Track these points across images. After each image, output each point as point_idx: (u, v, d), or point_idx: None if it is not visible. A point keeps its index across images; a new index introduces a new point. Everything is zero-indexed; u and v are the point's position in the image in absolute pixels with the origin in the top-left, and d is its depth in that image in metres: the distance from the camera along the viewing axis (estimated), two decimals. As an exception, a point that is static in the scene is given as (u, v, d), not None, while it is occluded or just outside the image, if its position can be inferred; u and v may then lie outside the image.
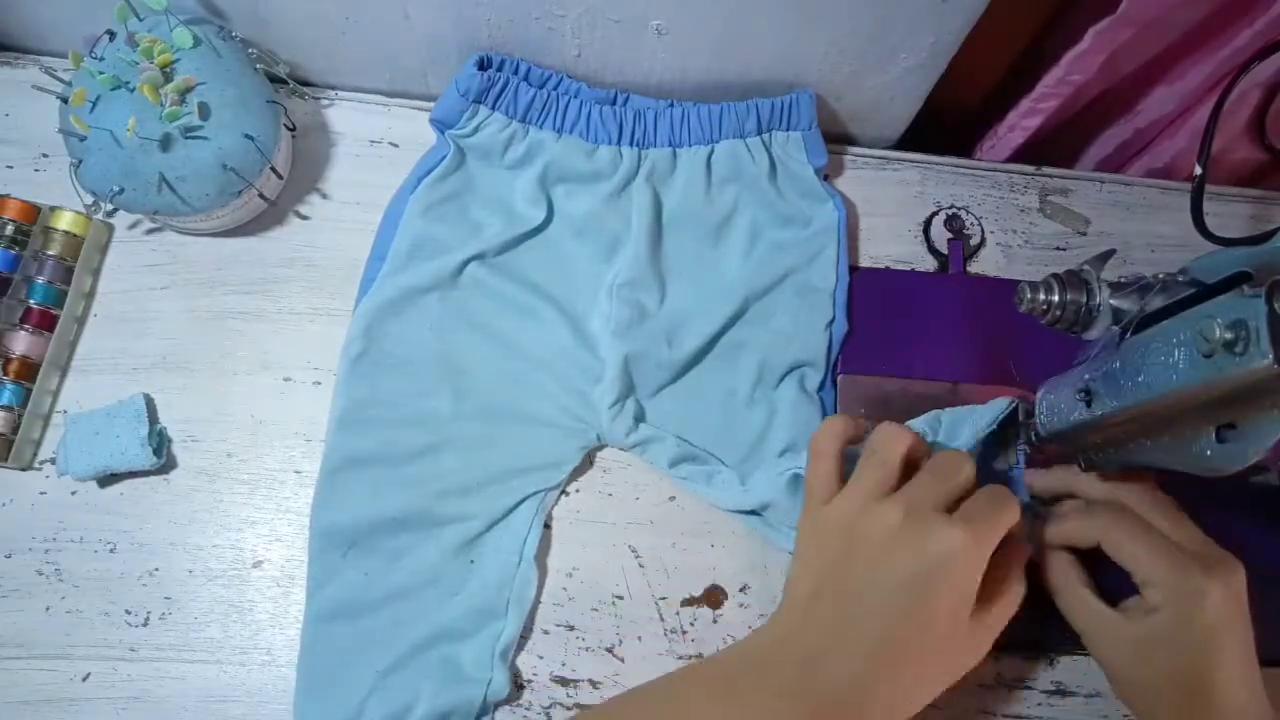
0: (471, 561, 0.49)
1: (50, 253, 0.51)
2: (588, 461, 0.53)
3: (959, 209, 0.60)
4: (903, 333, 0.55)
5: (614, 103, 0.55)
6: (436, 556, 0.48)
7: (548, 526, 0.51)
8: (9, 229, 0.51)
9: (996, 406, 0.48)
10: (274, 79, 0.55)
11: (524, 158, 0.54)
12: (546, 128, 0.54)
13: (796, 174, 0.55)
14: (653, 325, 0.53)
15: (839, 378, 0.55)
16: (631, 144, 0.54)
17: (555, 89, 0.55)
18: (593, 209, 0.54)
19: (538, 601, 0.50)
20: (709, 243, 0.55)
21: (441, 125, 0.54)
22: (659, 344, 0.53)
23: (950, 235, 0.59)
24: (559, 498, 0.52)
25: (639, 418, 0.52)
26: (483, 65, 0.53)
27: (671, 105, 0.55)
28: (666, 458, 0.51)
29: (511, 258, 0.54)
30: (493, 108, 0.53)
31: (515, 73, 0.54)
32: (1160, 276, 0.41)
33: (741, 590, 0.52)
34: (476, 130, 0.53)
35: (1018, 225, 0.61)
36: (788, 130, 0.55)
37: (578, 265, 0.54)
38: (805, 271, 0.55)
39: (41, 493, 0.50)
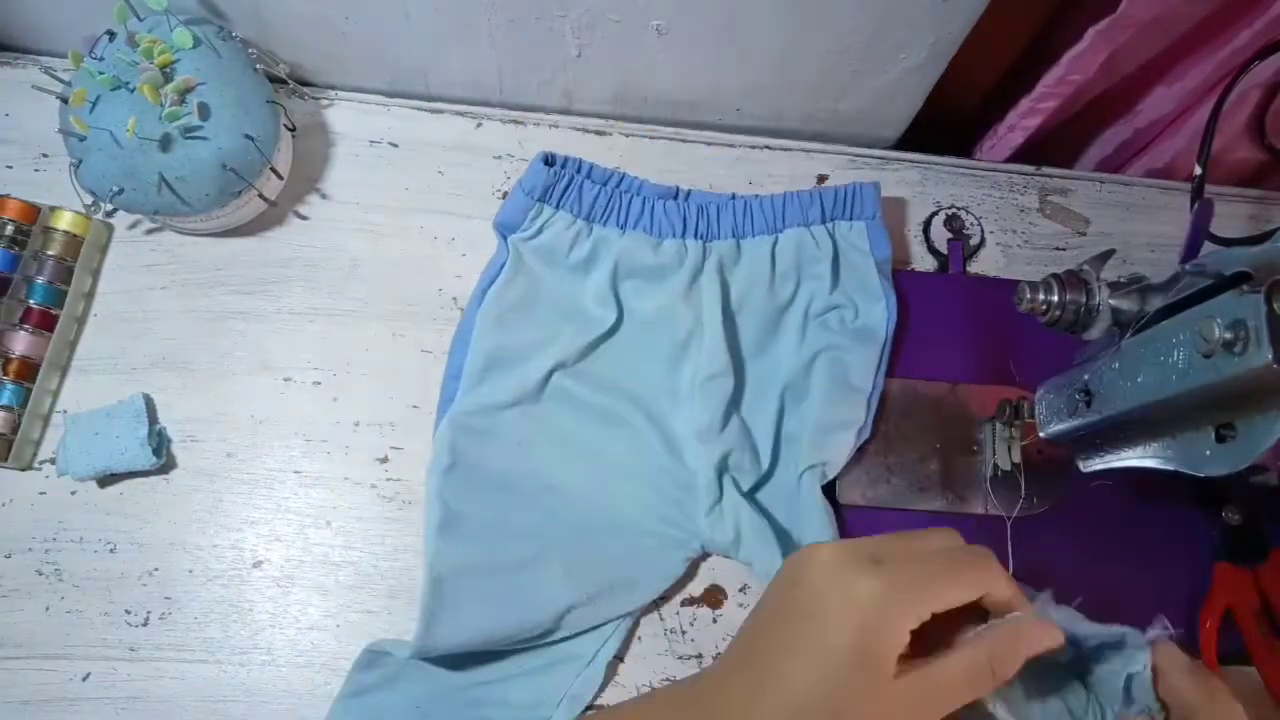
0: (547, 644, 0.48)
1: (50, 253, 0.51)
2: (691, 570, 0.52)
3: (959, 209, 0.60)
4: (903, 333, 0.55)
5: (675, 197, 0.55)
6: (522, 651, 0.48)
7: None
8: (9, 229, 0.51)
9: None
10: (274, 79, 0.55)
11: (589, 256, 0.52)
12: (610, 225, 0.53)
13: (857, 265, 0.54)
14: (734, 426, 0.51)
15: (839, 378, 0.55)
16: (696, 237, 0.53)
17: (618, 187, 0.54)
18: (663, 305, 0.53)
19: (594, 701, 0.49)
20: (770, 333, 0.54)
21: (505, 229, 0.53)
22: (743, 447, 0.51)
23: (950, 235, 0.59)
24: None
25: (738, 522, 0.50)
26: (548, 162, 0.53)
27: (734, 198, 0.55)
28: (772, 568, 0.49)
29: (590, 363, 0.52)
30: (556, 206, 0.52)
31: (578, 171, 0.54)
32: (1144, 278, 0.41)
33: (741, 590, 0.52)
34: (541, 230, 0.52)
35: (1017, 225, 0.61)
36: (851, 220, 0.54)
37: (652, 364, 0.53)
38: (843, 359, 0.53)
39: (41, 493, 0.50)
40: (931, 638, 0.33)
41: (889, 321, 0.54)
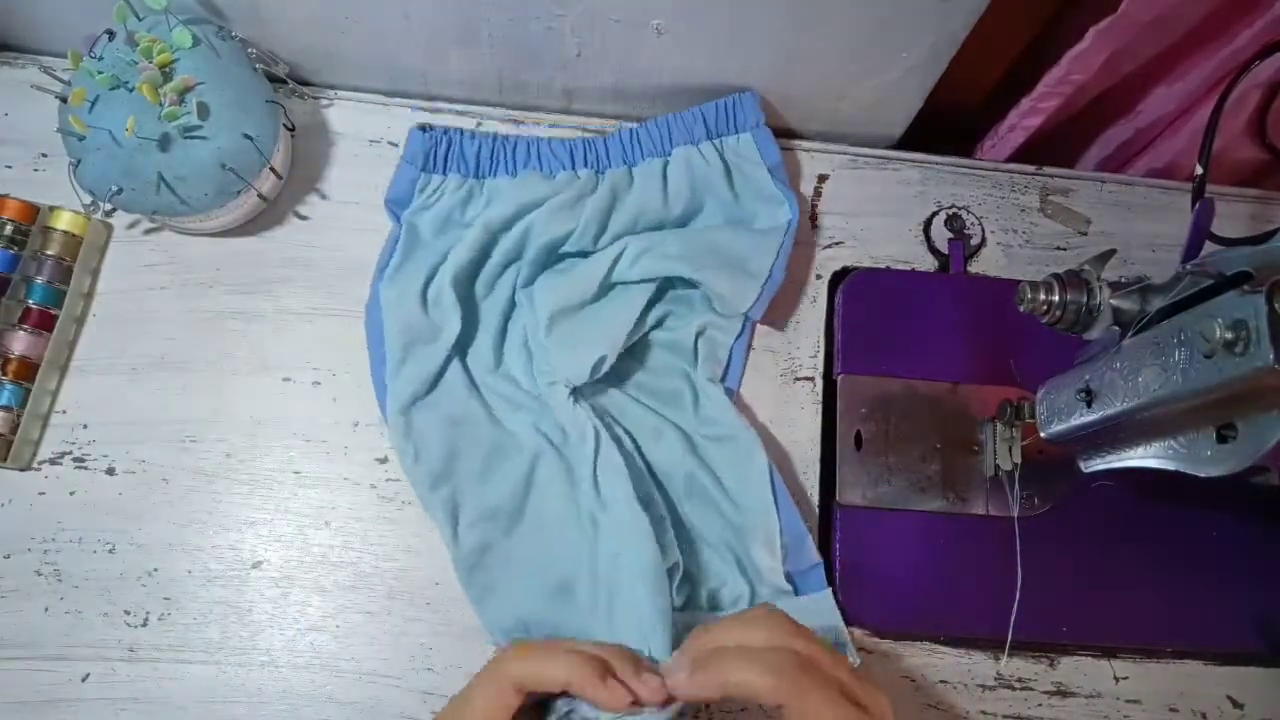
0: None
1: (49, 252, 0.51)
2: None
3: (959, 209, 0.60)
4: (903, 333, 0.55)
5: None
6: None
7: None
8: (8, 229, 0.51)
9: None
10: (274, 79, 0.55)
11: (483, 210, 0.53)
12: (500, 174, 0.54)
13: (751, 176, 0.55)
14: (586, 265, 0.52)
15: (839, 378, 0.55)
16: (587, 166, 0.54)
17: (498, 139, 0.55)
18: (553, 212, 0.53)
19: None
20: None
21: (396, 205, 0.54)
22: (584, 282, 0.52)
23: (951, 235, 0.59)
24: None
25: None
26: (424, 128, 0.54)
27: (619, 130, 0.55)
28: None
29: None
30: (444, 172, 0.53)
31: (459, 135, 0.54)
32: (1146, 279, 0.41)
33: (741, 591, 0.51)
34: (433, 197, 0.53)
35: (1018, 225, 0.61)
36: (737, 133, 0.55)
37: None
38: (739, 251, 0.53)
39: (40, 493, 0.50)
40: None
41: (792, 220, 0.54)
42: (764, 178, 0.55)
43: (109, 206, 0.49)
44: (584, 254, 0.54)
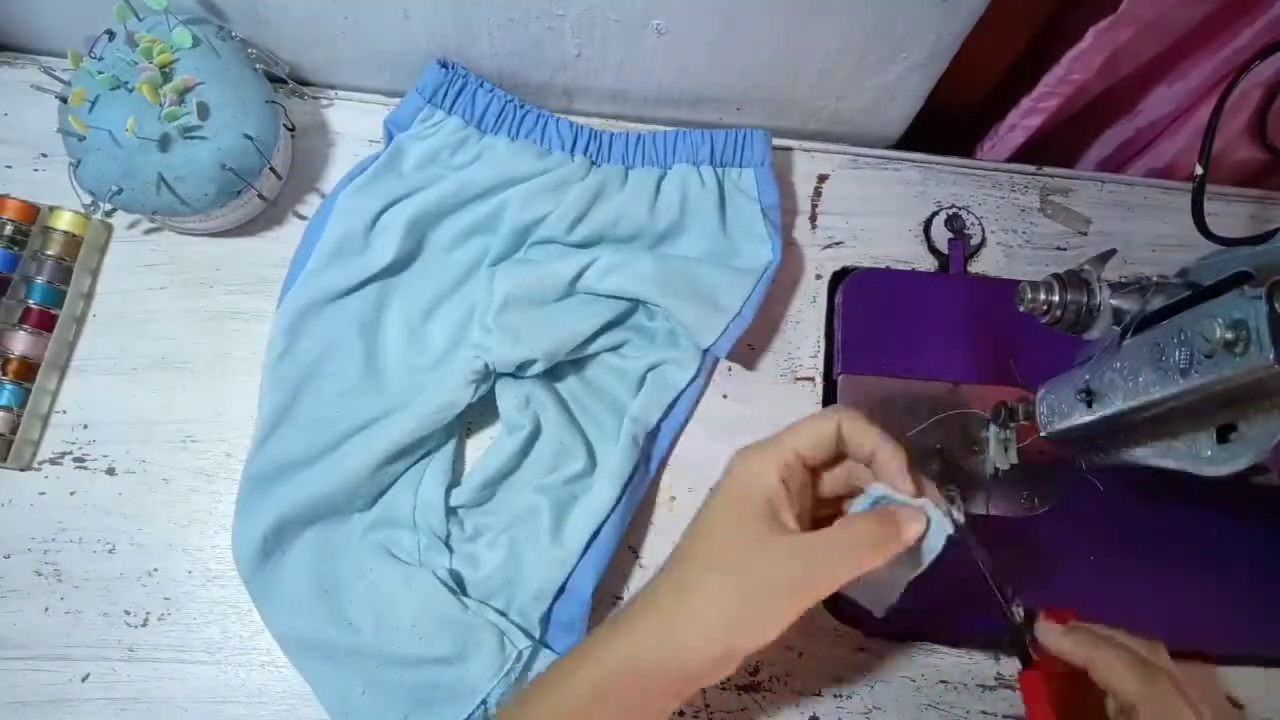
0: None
1: (49, 253, 0.51)
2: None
3: (959, 209, 0.60)
4: (903, 333, 0.55)
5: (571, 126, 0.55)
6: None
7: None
8: (8, 229, 0.51)
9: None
10: (274, 79, 0.55)
11: (471, 162, 0.53)
12: (501, 134, 0.54)
13: (743, 211, 0.55)
14: (558, 266, 0.51)
15: (839, 378, 0.55)
16: (585, 154, 0.54)
17: (511, 101, 0.54)
18: (534, 192, 0.53)
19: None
20: (642, 245, 0.54)
21: (395, 126, 0.54)
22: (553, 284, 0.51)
23: (951, 235, 0.59)
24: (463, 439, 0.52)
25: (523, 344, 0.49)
26: (443, 65, 0.54)
27: (626, 132, 0.55)
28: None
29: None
30: (449, 111, 0.53)
31: (476, 81, 0.54)
32: (1155, 278, 0.41)
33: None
34: (430, 131, 0.53)
35: (1018, 225, 0.61)
36: (740, 166, 0.55)
37: (506, 229, 0.53)
38: (712, 284, 0.52)
39: (41, 493, 0.50)
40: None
41: (773, 262, 0.53)
42: (756, 215, 0.54)
43: (109, 206, 0.49)
44: (554, 244, 0.53)
